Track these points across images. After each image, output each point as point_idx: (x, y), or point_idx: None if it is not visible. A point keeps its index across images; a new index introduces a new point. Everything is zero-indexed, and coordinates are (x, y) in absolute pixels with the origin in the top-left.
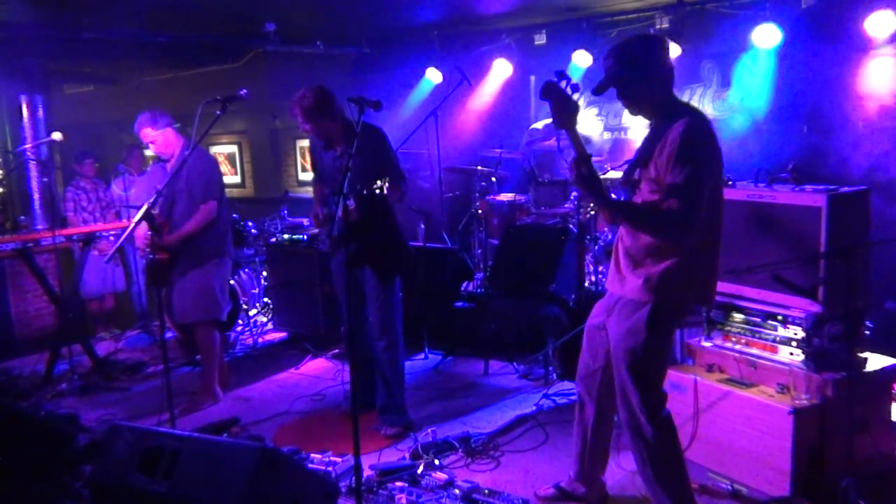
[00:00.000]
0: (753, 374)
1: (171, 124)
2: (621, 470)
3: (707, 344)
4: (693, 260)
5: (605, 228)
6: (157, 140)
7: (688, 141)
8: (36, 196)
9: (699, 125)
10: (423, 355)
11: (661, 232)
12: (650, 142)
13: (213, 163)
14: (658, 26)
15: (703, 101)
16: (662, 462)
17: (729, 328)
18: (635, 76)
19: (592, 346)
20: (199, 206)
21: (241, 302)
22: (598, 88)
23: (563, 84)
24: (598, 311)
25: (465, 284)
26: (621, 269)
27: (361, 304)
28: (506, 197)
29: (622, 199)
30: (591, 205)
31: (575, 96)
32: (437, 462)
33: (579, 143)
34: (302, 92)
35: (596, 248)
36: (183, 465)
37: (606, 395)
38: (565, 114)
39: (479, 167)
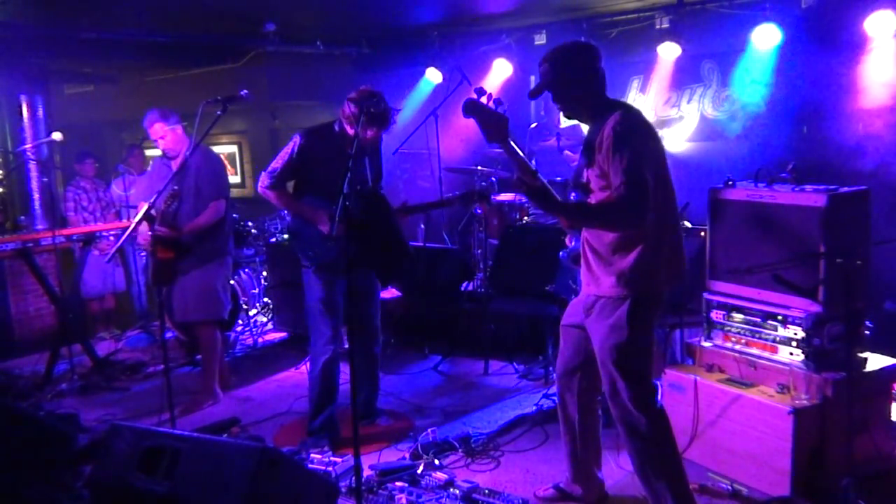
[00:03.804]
0: (753, 374)
1: (180, 122)
2: (621, 470)
3: (707, 344)
4: (657, 244)
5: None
6: (167, 136)
7: (620, 131)
8: (36, 196)
9: (629, 115)
10: (422, 355)
11: (618, 223)
12: (590, 142)
13: (222, 162)
14: (658, 26)
15: (703, 101)
16: (659, 456)
17: (729, 328)
18: (569, 83)
19: (569, 345)
20: (209, 203)
21: (241, 302)
22: (533, 92)
23: (483, 100)
24: (574, 311)
25: (465, 284)
26: (593, 268)
27: (369, 304)
28: (506, 197)
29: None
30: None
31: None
32: (437, 462)
33: (518, 156)
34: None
35: (562, 254)
36: (183, 465)
37: (587, 390)
38: (494, 128)
39: (479, 167)
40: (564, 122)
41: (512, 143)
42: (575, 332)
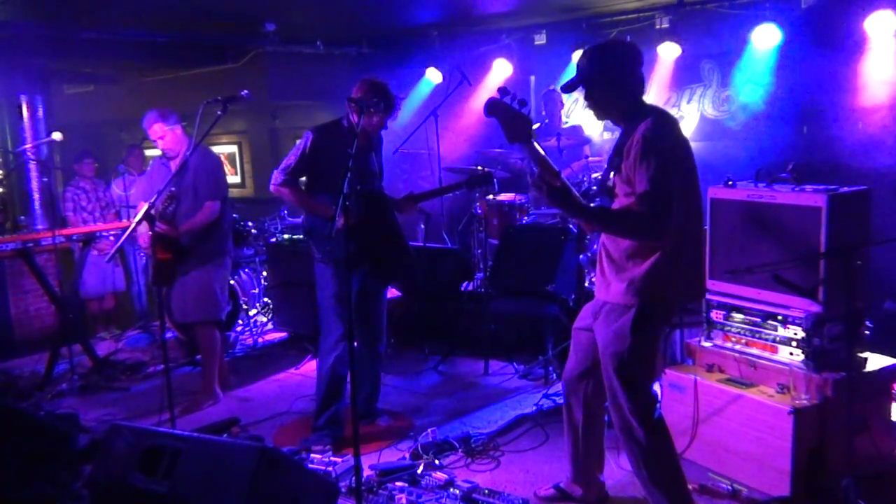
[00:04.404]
0: (753, 374)
1: (180, 122)
2: (621, 470)
3: (707, 344)
4: (674, 258)
5: (589, 236)
6: (167, 136)
7: (650, 139)
8: (36, 196)
9: (661, 123)
10: (422, 355)
11: (637, 233)
12: (620, 146)
13: (220, 162)
14: (658, 26)
15: (703, 101)
16: (656, 464)
17: (729, 328)
18: (606, 82)
19: (579, 349)
20: (204, 202)
21: (241, 302)
22: (568, 86)
23: (507, 99)
24: (586, 314)
25: (465, 284)
26: (605, 273)
27: (377, 303)
28: (506, 197)
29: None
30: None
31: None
32: (437, 462)
33: (541, 157)
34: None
35: (582, 257)
36: (183, 465)
37: (595, 396)
38: (516, 129)
39: (479, 167)
40: (566, 123)
41: (535, 143)
42: (584, 335)
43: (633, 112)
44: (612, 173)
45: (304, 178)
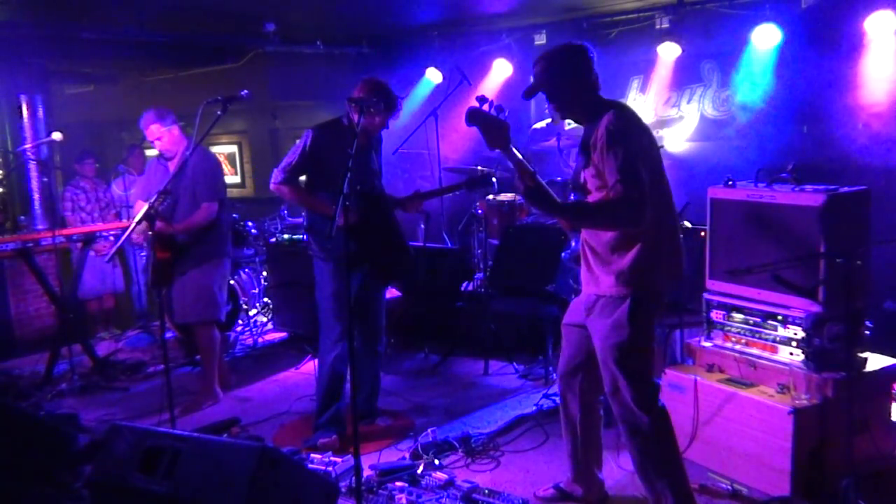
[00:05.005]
0: (753, 374)
1: (176, 122)
2: (621, 470)
3: (707, 344)
4: (655, 243)
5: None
6: (164, 137)
7: (613, 130)
8: (36, 196)
9: (621, 114)
10: (422, 355)
11: (616, 220)
12: (585, 142)
13: (218, 164)
14: (658, 26)
15: (703, 101)
16: (660, 454)
17: (729, 328)
18: (561, 83)
19: (570, 344)
20: (202, 203)
21: (241, 302)
22: (527, 92)
23: (485, 107)
24: (575, 310)
25: (465, 284)
26: (592, 268)
27: (376, 302)
28: (506, 197)
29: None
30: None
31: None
32: (437, 462)
33: (518, 161)
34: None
35: (564, 255)
36: (183, 465)
37: (589, 390)
38: (495, 135)
39: (479, 167)
40: (571, 124)
41: (513, 147)
42: (576, 331)
43: (594, 108)
44: (581, 169)
45: (304, 177)
